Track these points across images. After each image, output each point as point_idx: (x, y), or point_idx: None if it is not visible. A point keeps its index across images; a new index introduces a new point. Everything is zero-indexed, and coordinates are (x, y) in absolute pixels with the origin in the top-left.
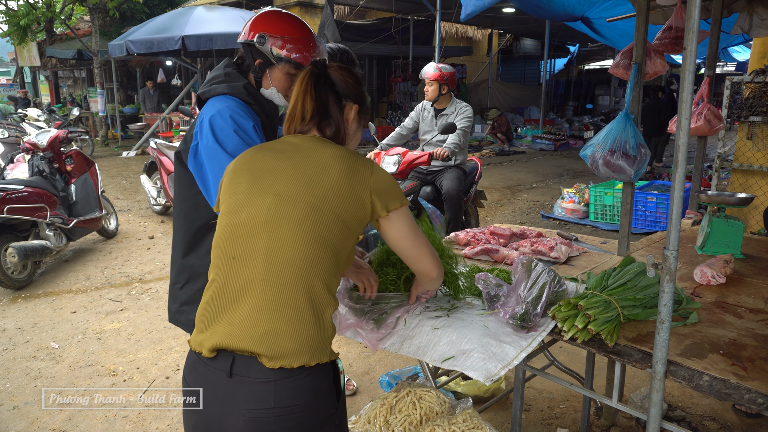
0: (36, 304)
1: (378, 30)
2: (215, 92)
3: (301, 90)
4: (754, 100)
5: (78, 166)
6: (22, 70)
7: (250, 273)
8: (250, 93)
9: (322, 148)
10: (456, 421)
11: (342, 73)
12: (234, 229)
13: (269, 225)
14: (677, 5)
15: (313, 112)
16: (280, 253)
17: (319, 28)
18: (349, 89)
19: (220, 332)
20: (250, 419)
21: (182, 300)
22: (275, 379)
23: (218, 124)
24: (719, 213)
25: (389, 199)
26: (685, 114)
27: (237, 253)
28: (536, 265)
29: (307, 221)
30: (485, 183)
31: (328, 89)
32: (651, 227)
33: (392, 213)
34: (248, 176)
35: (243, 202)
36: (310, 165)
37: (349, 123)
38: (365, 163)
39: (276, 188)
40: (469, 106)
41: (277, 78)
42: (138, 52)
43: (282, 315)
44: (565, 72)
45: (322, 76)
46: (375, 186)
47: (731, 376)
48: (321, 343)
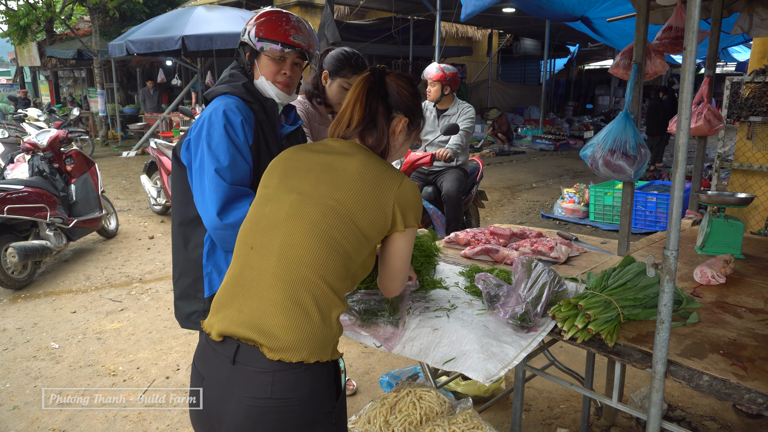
0: (36, 304)
1: (378, 30)
2: (218, 92)
3: (354, 96)
4: (754, 100)
5: (78, 166)
6: (22, 70)
7: (263, 265)
8: (249, 91)
9: (355, 155)
10: (456, 421)
11: (399, 83)
12: (257, 221)
13: (288, 221)
14: (677, 5)
15: (360, 120)
16: (292, 249)
17: (319, 28)
18: (402, 101)
19: (230, 318)
20: (247, 407)
21: (176, 294)
22: (273, 370)
23: (212, 120)
24: (719, 213)
25: (409, 214)
26: (685, 114)
27: (255, 244)
28: (536, 265)
29: (323, 222)
30: (485, 183)
31: (380, 99)
32: (651, 227)
33: (408, 230)
34: (281, 172)
35: (271, 196)
36: (339, 169)
37: (396, 135)
38: (394, 175)
39: (302, 187)
40: (471, 107)
41: (263, 65)
42: (138, 52)
43: (287, 310)
44: (565, 72)
45: (377, 84)
46: (400, 198)
47: (731, 376)
48: (323, 342)
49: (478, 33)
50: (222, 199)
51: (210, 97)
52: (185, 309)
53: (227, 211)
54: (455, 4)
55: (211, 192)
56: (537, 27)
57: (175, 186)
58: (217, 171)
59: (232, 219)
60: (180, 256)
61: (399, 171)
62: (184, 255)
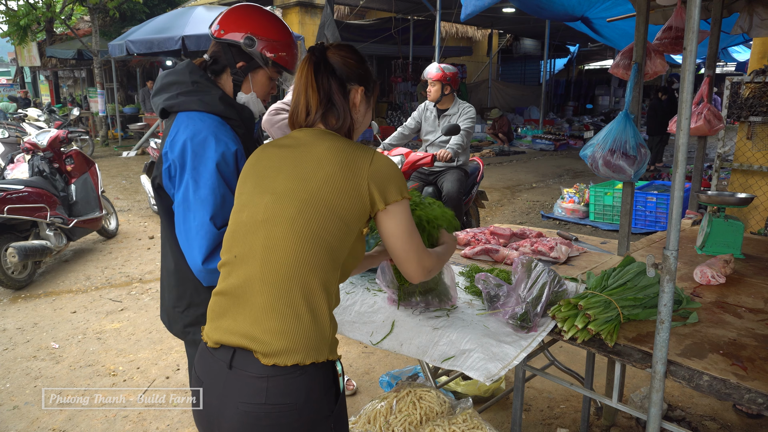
0: (36, 304)
1: (378, 30)
2: (186, 107)
3: (302, 82)
4: (754, 100)
5: (78, 166)
6: (22, 70)
7: (248, 271)
8: (227, 105)
9: (321, 142)
10: (456, 421)
11: (341, 54)
12: (236, 228)
13: (266, 224)
14: (677, 5)
15: (318, 104)
16: (274, 252)
17: (319, 28)
18: (352, 71)
19: (224, 328)
20: (243, 412)
21: (186, 323)
22: (268, 375)
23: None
24: (719, 213)
25: (388, 189)
26: (685, 114)
27: (238, 252)
28: (536, 265)
29: (300, 219)
30: (485, 183)
31: (329, 76)
32: (651, 227)
33: (391, 206)
34: (253, 176)
35: (246, 202)
36: (308, 160)
37: (357, 107)
38: (365, 152)
39: (274, 186)
40: (472, 107)
41: (260, 82)
42: (138, 52)
43: (279, 314)
44: (565, 72)
45: (321, 62)
46: (374, 175)
47: (731, 376)
48: (318, 342)
49: (478, 33)
50: (210, 246)
51: (175, 110)
52: (198, 335)
53: (213, 257)
54: (455, 4)
55: (200, 238)
56: (537, 27)
57: (169, 221)
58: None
59: (214, 264)
60: (188, 288)
61: (369, 148)
62: (196, 286)
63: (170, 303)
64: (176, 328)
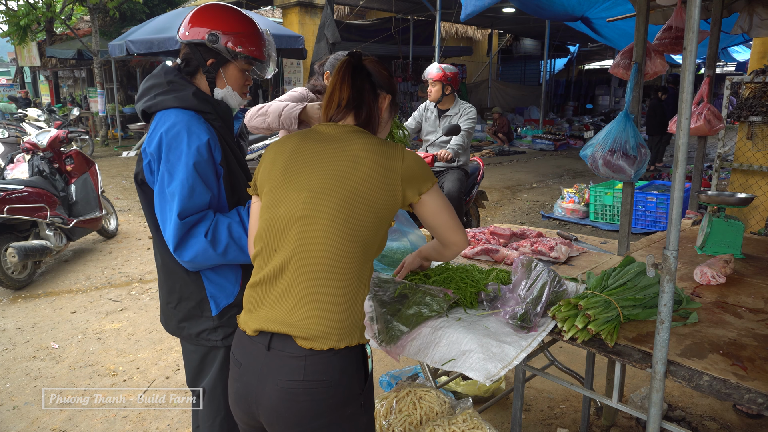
0: (36, 304)
1: (378, 30)
2: (163, 105)
3: (338, 78)
4: (754, 100)
5: (78, 166)
6: (22, 70)
7: (286, 264)
8: (200, 100)
9: (354, 140)
10: (456, 421)
11: (376, 64)
12: (273, 223)
13: (305, 220)
14: (677, 5)
15: (349, 99)
16: (314, 246)
17: (319, 28)
18: (383, 80)
19: (263, 317)
20: (282, 389)
21: (179, 318)
22: (305, 355)
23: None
24: (719, 213)
25: (421, 184)
26: (685, 114)
27: (277, 245)
28: (536, 265)
29: (340, 216)
30: (485, 183)
31: (364, 78)
32: (651, 227)
33: (425, 195)
34: (282, 169)
35: (281, 197)
36: (343, 158)
37: (383, 112)
38: (396, 151)
39: (311, 183)
40: (473, 107)
41: (232, 76)
42: (138, 52)
43: (317, 303)
44: (565, 72)
45: (358, 66)
46: (406, 172)
47: (731, 376)
48: (351, 328)
49: (478, 33)
50: (177, 236)
51: (153, 110)
52: (193, 329)
53: (182, 248)
54: (455, 4)
55: (171, 229)
56: (537, 27)
57: (151, 215)
58: (178, 211)
59: (187, 257)
60: (176, 281)
61: (398, 145)
62: (183, 279)
63: (164, 299)
64: (171, 325)
